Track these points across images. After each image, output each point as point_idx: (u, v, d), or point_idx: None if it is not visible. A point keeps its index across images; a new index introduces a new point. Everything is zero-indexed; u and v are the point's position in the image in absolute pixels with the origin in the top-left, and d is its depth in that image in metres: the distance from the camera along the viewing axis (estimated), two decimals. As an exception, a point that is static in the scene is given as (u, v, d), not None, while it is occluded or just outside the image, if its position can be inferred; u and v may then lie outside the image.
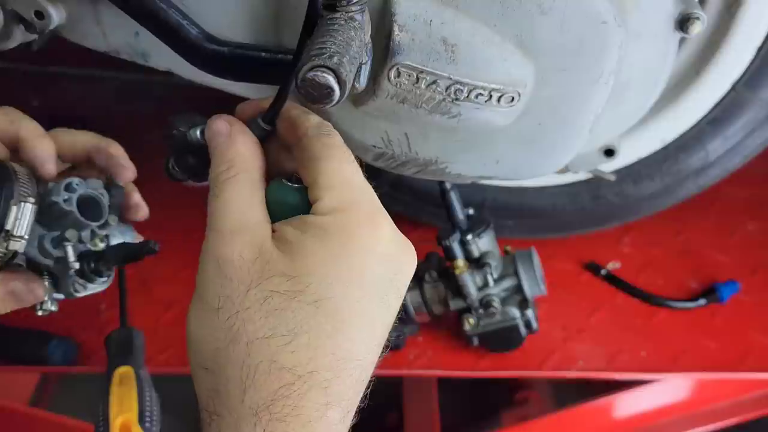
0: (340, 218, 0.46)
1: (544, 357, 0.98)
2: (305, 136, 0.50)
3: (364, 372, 0.46)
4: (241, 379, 0.43)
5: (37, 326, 0.98)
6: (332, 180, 0.48)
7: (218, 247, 0.46)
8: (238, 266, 0.45)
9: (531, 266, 0.94)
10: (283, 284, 0.44)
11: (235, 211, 0.48)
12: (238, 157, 0.50)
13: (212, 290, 0.46)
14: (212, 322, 0.45)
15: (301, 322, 0.44)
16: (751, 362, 0.98)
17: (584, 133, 0.73)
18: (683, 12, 0.71)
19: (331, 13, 0.54)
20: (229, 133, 0.51)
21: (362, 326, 0.46)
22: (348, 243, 0.46)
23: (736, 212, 1.22)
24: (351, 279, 0.45)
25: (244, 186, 0.49)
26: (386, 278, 0.47)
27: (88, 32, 0.74)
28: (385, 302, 0.47)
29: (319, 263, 0.45)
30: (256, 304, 0.44)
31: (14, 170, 0.62)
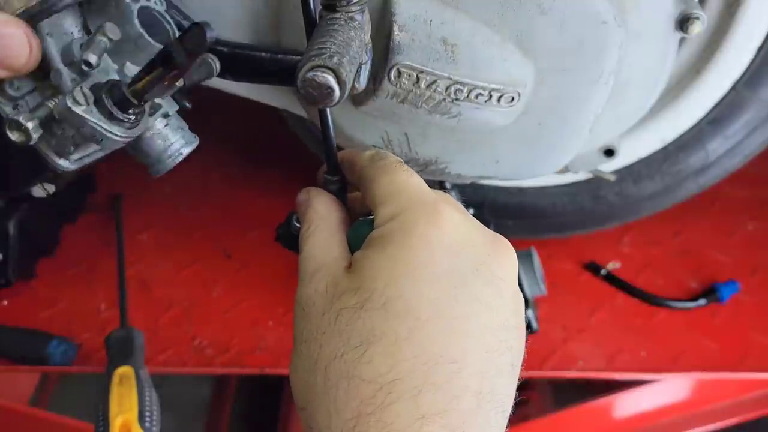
0: (398, 221, 0.45)
1: (544, 357, 0.98)
2: (363, 169, 0.51)
3: (472, 381, 0.41)
4: (326, 407, 0.41)
5: (38, 326, 0.98)
6: (386, 191, 0.47)
7: (302, 289, 0.46)
8: (314, 299, 0.45)
9: (531, 266, 0.94)
10: (351, 299, 0.43)
11: (314, 257, 0.48)
12: (315, 215, 0.51)
13: (299, 328, 0.45)
14: (299, 360, 0.44)
15: (374, 328, 0.41)
16: (751, 362, 0.98)
17: (584, 133, 0.73)
18: (683, 12, 0.71)
19: (331, 14, 0.54)
20: (307, 197, 0.53)
21: (446, 325, 0.42)
22: (408, 240, 0.44)
23: (736, 212, 1.22)
24: (417, 275, 0.43)
25: (321, 235, 0.50)
26: (464, 270, 0.44)
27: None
28: (474, 297, 0.43)
29: (381, 267, 0.43)
30: (330, 326, 0.43)
31: None
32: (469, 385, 0.41)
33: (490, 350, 0.43)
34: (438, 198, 0.47)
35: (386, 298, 0.42)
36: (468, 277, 0.43)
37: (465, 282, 0.43)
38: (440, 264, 0.43)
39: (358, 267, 0.45)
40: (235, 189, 1.21)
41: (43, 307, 1.03)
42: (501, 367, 0.43)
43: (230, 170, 0.95)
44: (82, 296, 1.04)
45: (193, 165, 1.30)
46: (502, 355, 0.43)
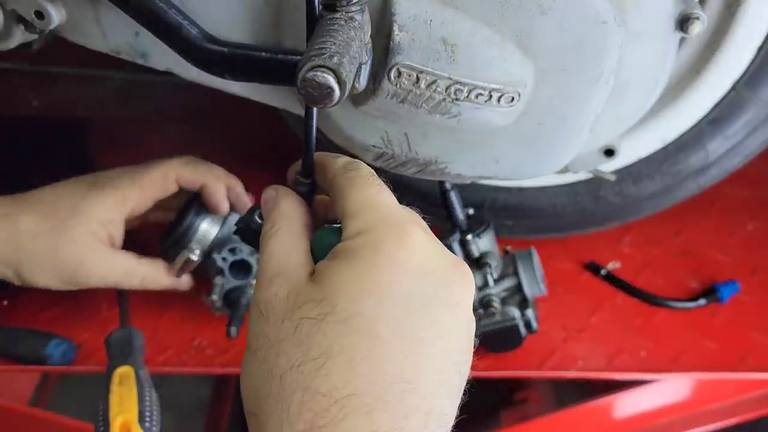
0: (366, 237, 0.45)
1: (544, 357, 0.98)
2: (335, 177, 0.51)
3: (423, 401, 0.42)
4: (279, 416, 0.41)
5: (38, 326, 0.98)
6: (356, 205, 0.47)
7: (260, 293, 0.46)
8: (273, 305, 0.45)
9: (531, 266, 0.94)
10: (313, 309, 0.43)
11: (275, 260, 0.48)
12: (279, 215, 0.51)
13: (254, 332, 0.45)
14: (254, 364, 0.44)
15: (333, 342, 0.41)
16: (751, 362, 0.98)
17: (584, 133, 0.73)
18: (683, 12, 0.71)
19: (331, 13, 0.54)
20: (274, 197, 0.53)
21: (404, 346, 0.42)
22: (375, 258, 0.44)
23: (737, 212, 1.22)
24: (382, 294, 0.43)
25: (285, 238, 0.49)
26: (427, 293, 0.44)
27: (88, 32, 0.74)
28: (433, 320, 0.44)
29: (346, 282, 0.43)
30: (289, 335, 0.43)
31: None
32: (420, 405, 0.42)
33: (442, 372, 0.44)
34: (407, 218, 0.47)
35: (349, 313, 0.42)
36: (430, 300, 0.44)
37: (426, 305, 0.44)
38: (405, 285, 0.44)
39: (323, 278, 0.45)
40: (235, 189, 1.21)
41: (43, 307, 1.03)
42: (450, 388, 0.44)
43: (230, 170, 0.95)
44: (82, 296, 1.04)
45: (193, 165, 1.30)
46: (452, 377, 0.44)
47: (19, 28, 0.72)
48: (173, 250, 0.92)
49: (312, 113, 0.55)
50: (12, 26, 0.71)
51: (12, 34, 0.72)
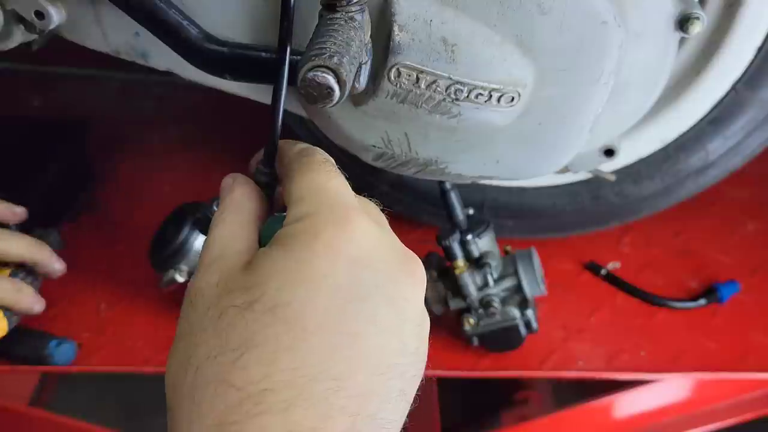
0: (307, 223, 0.42)
1: (544, 357, 0.98)
2: (288, 163, 0.49)
3: (351, 402, 0.38)
4: (189, 410, 0.38)
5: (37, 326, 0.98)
6: (302, 191, 0.44)
7: (194, 281, 0.43)
8: (203, 292, 0.41)
9: (531, 266, 0.94)
10: (239, 297, 0.39)
11: (216, 246, 0.45)
12: (231, 202, 0.49)
13: (183, 321, 0.42)
14: (174, 356, 0.41)
15: (255, 333, 0.38)
16: (752, 362, 0.98)
17: (584, 133, 0.73)
18: (683, 12, 0.71)
19: (331, 13, 0.54)
20: (231, 185, 0.50)
21: (333, 340, 0.38)
22: (313, 244, 0.40)
23: (737, 212, 1.22)
24: (314, 283, 0.39)
25: (231, 224, 0.47)
26: (366, 285, 0.40)
27: (88, 32, 0.74)
28: (371, 315, 0.40)
29: (278, 269, 0.40)
30: (211, 324, 0.39)
31: None
32: (347, 406, 0.37)
33: (378, 373, 0.39)
34: (354, 205, 0.44)
35: (276, 302, 0.39)
36: (369, 294, 0.40)
37: (364, 298, 0.40)
38: (341, 275, 0.40)
39: (256, 265, 0.41)
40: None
41: (43, 307, 1.03)
42: (388, 391, 0.40)
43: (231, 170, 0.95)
44: (82, 296, 1.04)
45: (194, 165, 1.30)
46: (391, 380, 0.40)
47: (19, 28, 0.72)
48: (161, 264, 0.92)
49: (279, 103, 0.53)
50: (12, 26, 0.71)
51: (12, 34, 0.72)
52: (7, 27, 0.71)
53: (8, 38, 0.72)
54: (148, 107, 1.47)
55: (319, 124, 0.77)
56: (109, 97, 1.49)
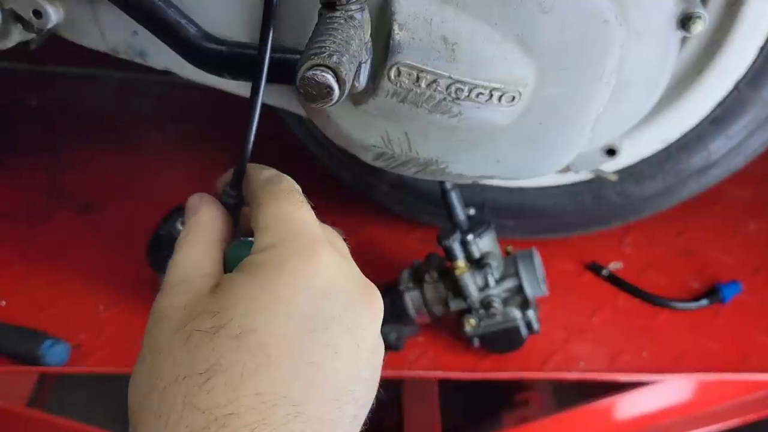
0: (273, 252, 0.44)
1: (545, 358, 0.98)
2: (255, 189, 0.50)
3: (308, 427, 0.39)
4: (156, 429, 0.39)
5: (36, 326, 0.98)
6: (269, 220, 0.46)
7: (159, 300, 0.44)
8: (168, 314, 0.43)
9: (532, 267, 0.94)
10: (207, 321, 0.41)
11: (182, 267, 0.47)
12: (196, 223, 0.50)
13: (147, 340, 0.43)
14: (140, 375, 0.42)
15: (221, 357, 0.39)
16: (754, 363, 0.97)
17: (585, 133, 0.73)
18: (685, 11, 0.70)
19: (331, 12, 0.54)
20: (198, 204, 0.52)
21: (294, 367, 0.40)
22: (278, 274, 0.42)
23: (739, 212, 1.22)
24: (278, 311, 0.41)
25: (197, 246, 0.49)
26: (327, 315, 0.42)
27: (87, 31, 0.74)
28: (329, 343, 0.42)
29: (245, 296, 0.42)
30: (179, 346, 0.41)
31: None
32: (305, 430, 0.39)
33: (334, 398, 0.41)
34: (319, 236, 0.46)
35: (242, 329, 0.40)
36: (328, 323, 0.42)
37: (324, 327, 0.42)
38: (304, 304, 0.42)
39: (223, 289, 0.43)
40: (234, 189, 1.21)
41: (42, 307, 1.02)
42: (343, 416, 0.42)
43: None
44: (80, 297, 1.04)
45: (194, 165, 1.30)
46: (346, 404, 0.42)
47: (18, 27, 0.72)
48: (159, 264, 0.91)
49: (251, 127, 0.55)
50: (10, 25, 0.71)
51: (10, 33, 0.72)
52: (6, 26, 0.71)
53: (6, 37, 0.72)
54: (147, 106, 1.47)
55: (318, 124, 0.76)
56: (107, 96, 1.49)
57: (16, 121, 1.41)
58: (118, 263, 1.09)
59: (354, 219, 1.19)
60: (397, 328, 0.98)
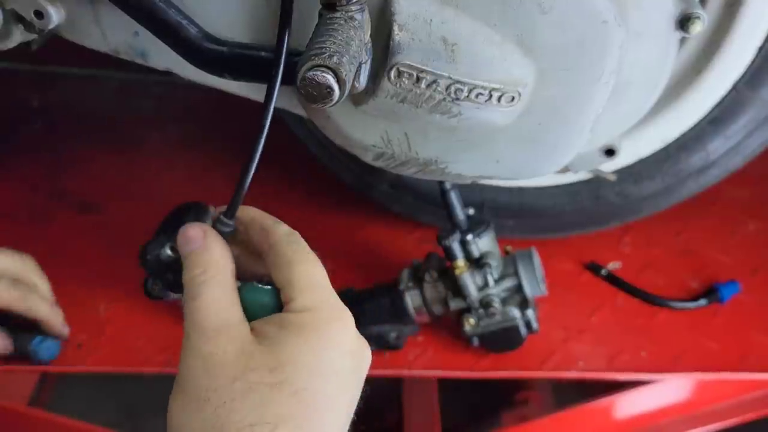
0: (314, 316, 0.51)
1: (545, 357, 0.98)
2: (278, 243, 0.55)
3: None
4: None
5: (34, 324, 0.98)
6: (304, 282, 0.52)
7: (203, 344, 0.50)
8: (223, 361, 0.49)
9: (531, 266, 0.94)
10: (266, 376, 0.48)
11: (215, 310, 0.51)
12: (212, 261, 0.54)
13: (200, 384, 0.49)
14: (200, 414, 0.48)
15: (283, 410, 0.48)
16: (752, 362, 0.97)
17: (585, 133, 0.73)
18: (684, 11, 0.71)
19: (331, 13, 0.54)
20: (203, 239, 0.55)
21: (332, 416, 0.50)
22: (323, 338, 0.51)
23: (737, 212, 1.22)
24: (326, 372, 0.50)
25: (220, 287, 0.53)
26: (353, 372, 0.52)
27: (88, 32, 0.74)
28: (351, 393, 0.52)
29: (297, 355, 0.49)
30: (241, 395, 0.48)
31: None
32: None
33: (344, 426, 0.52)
34: (342, 309, 0.54)
35: (298, 387, 0.49)
36: (353, 378, 0.52)
37: (352, 382, 0.52)
38: (342, 366, 0.51)
39: (273, 345, 0.50)
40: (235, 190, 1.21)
41: (43, 307, 1.02)
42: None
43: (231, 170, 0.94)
44: (81, 296, 1.04)
45: (194, 165, 1.30)
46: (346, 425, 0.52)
47: (19, 28, 0.72)
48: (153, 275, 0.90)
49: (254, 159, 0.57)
50: (11, 26, 0.71)
51: (11, 34, 0.72)
52: (7, 26, 0.71)
53: (8, 38, 0.72)
54: (148, 107, 1.47)
55: (318, 124, 0.76)
56: (108, 96, 1.49)
57: (17, 121, 1.41)
58: (119, 263, 1.09)
59: (354, 219, 1.19)
60: (397, 327, 0.98)
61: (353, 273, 1.09)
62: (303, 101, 0.70)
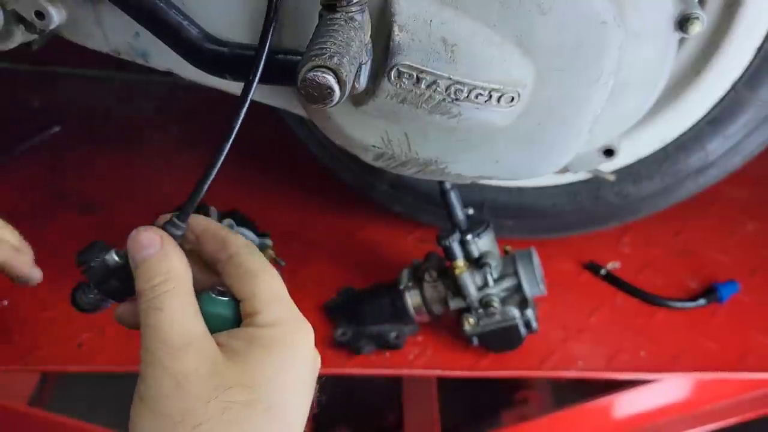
0: (281, 330, 0.51)
1: (544, 357, 0.98)
2: (239, 254, 0.53)
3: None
4: None
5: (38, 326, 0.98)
6: (269, 294, 0.52)
7: (172, 361, 0.48)
8: (195, 381, 0.48)
9: (531, 266, 0.94)
10: (240, 394, 0.48)
11: (179, 323, 0.49)
12: (173, 270, 0.51)
13: (172, 404, 0.47)
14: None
15: (257, 427, 0.48)
16: (751, 362, 0.98)
17: (584, 134, 0.73)
18: (683, 12, 0.71)
19: (331, 14, 0.54)
20: (161, 245, 0.52)
21: (298, 424, 0.51)
22: (290, 352, 0.51)
23: (736, 212, 1.22)
24: (294, 385, 0.51)
25: (182, 298, 0.51)
26: (312, 379, 0.53)
27: (89, 32, 0.74)
28: (310, 399, 0.53)
29: (269, 371, 0.49)
30: (216, 415, 0.47)
31: None
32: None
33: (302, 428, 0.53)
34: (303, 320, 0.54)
35: (270, 402, 0.49)
36: (312, 386, 0.53)
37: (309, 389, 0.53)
38: (307, 377, 0.52)
39: (246, 363, 0.49)
40: (235, 190, 1.21)
41: (44, 307, 1.03)
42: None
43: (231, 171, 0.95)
44: (82, 296, 1.04)
45: (194, 166, 1.30)
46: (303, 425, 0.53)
47: (20, 28, 0.72)
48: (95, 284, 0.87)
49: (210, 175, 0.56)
50: (12, 26, 0.71)
51: (12, 34, 0.72)
52: (8, 27, 0.71)
53: (9, 38, 0.72)
54: (148, 107, 1.47)
55: (319, 124, 0.77)
56: (109, 97, 1.49)
57: (18, 121, 1.41)
58: (119, 263, 1.10)
59: (354, 219, 1.19)
60: (397, 327, 0.99)
61: (353, 273, 1.10)
62: (303, 101, 0.70)
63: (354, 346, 0.98)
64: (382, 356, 0.98)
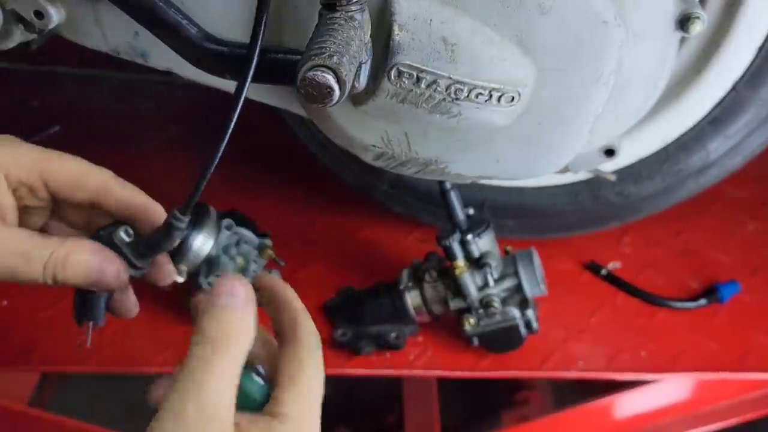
0: (297, 429, 0.50)
1: (545, 357, 0.98)
2: (302, 342, 0.53)
3: None
4: None
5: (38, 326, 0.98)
6: (304, 394, 0.52)
7: (194, 427, 0.46)
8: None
9: (531, 266, 0.94)
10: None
11: (217, 391, 0.47)
12: (242, 332, 0.50)
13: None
14: None
15: None
16: (752, 362, 0.98)
17: (584, 133, 0.73)
18: (684, 11, 0.71)
19: (331, 13, 0.54)
20: (245, 301, 0.51)
21: None
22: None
23: (737, 212, 1.22)
24: None
25: (236, 365, 0.49)
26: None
27: (88, 32, 0.74)
28: None
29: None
30: None
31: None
32: None
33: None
34: (319, 416, 0.53)
35: None
36: None
37: None
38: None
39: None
40: (235, 190, 1.21)
41: (44, 307, 1.03)
42: None
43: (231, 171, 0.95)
44: (81, 296, 1.04)
45: (194, 165, 1.30)
46: None
47: (19, 28, 0.72)
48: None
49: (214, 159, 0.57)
50: (11, 26, 0.71)
51: (12, 34, 0.72)
52: (7, 26, 0.71)
53: (8, 38, 0.72)
54: (148, 107, 1.47)
55: (318, 124, 0.76)
56: (108, 96, 1.49)
57: (18, 121, 1.41)
58: (119, 263, 1.10)
59: (354, 219, 1.19)
60: (397, 327, 0.99)
61: (353, 273, 1.09)
62: (303, 101, 0.70)
63: (354, 347, 0.98)
64: (382, 356, 0.98)
